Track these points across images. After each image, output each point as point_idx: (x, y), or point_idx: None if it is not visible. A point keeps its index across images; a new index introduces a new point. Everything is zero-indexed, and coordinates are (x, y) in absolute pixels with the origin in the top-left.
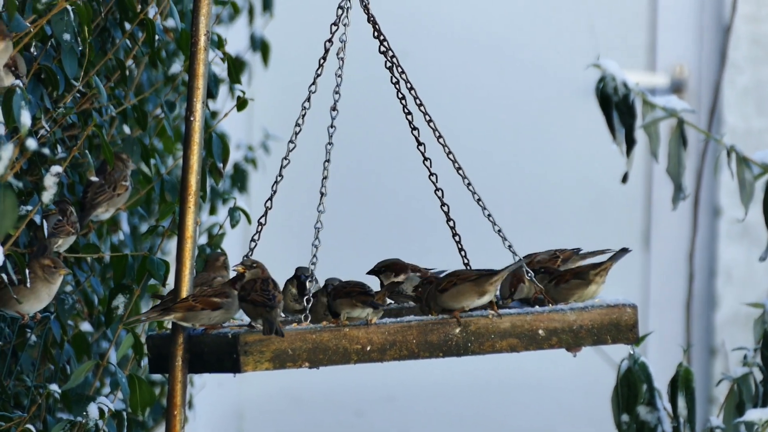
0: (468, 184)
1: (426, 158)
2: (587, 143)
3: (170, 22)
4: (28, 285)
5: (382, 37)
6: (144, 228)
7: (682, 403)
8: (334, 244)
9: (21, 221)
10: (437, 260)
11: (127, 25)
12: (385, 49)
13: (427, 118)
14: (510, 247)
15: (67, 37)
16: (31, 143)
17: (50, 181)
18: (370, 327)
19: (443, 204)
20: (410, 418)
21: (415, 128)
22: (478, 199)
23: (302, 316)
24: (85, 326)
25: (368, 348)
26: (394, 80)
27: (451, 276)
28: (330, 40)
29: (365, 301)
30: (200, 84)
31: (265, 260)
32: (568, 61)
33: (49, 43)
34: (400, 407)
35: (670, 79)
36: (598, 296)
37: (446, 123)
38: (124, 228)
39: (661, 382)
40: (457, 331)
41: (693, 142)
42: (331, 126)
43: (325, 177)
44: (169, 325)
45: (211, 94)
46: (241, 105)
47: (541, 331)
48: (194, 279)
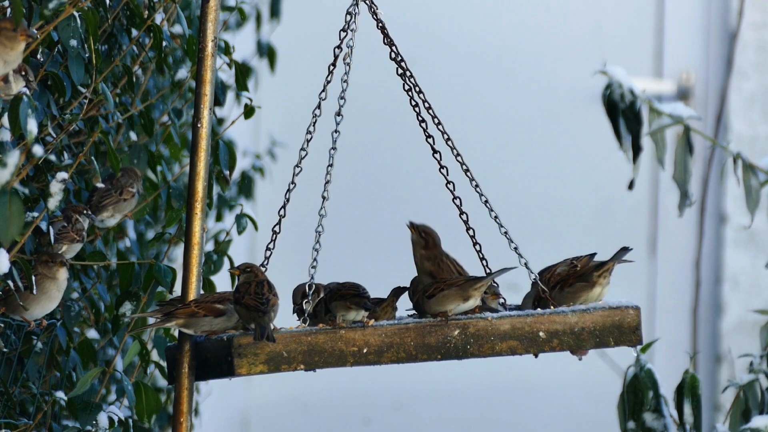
0: (476, 186)
1: (442, 166)
2: (594, 150)
3: (177, 29)
4: (34, 292)
5: (392, 44)
6: (150, 235)
7: (688, 409)
8: (339, 249)
9: (27, 228)
10: None
11: (134, 32)
12: (395, 56)
13: (436, 121)
14: (516, 249)
15: (73, 43)
16: (38, 150)
17: (56, 188)
18: (366, 329)
19: (462, 212)
20: (418, 426)
21: (429, 136)
22: (485, 201)
23: (301, 320)
24: (92, 333)
25: (365, 350)
26: (407, 87)
27: (438, 282)
28: (339, 47)
29: (359, 303)
30: (207, 90)
31: (276, 267)
32: (574, 68)
33: (56, 50)
34: (408, 415)
35: (677, 85)
36: (602, 299)
37: (453, 130)
38: (130, 235)
39: (668, 388)
40: (456, 333)
41: (699, 148)
42: (335, 131)
43: (327, 181)
44: (176, 333)
45: (218, 100)
46: (248, 113)
47: (541, 333)
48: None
